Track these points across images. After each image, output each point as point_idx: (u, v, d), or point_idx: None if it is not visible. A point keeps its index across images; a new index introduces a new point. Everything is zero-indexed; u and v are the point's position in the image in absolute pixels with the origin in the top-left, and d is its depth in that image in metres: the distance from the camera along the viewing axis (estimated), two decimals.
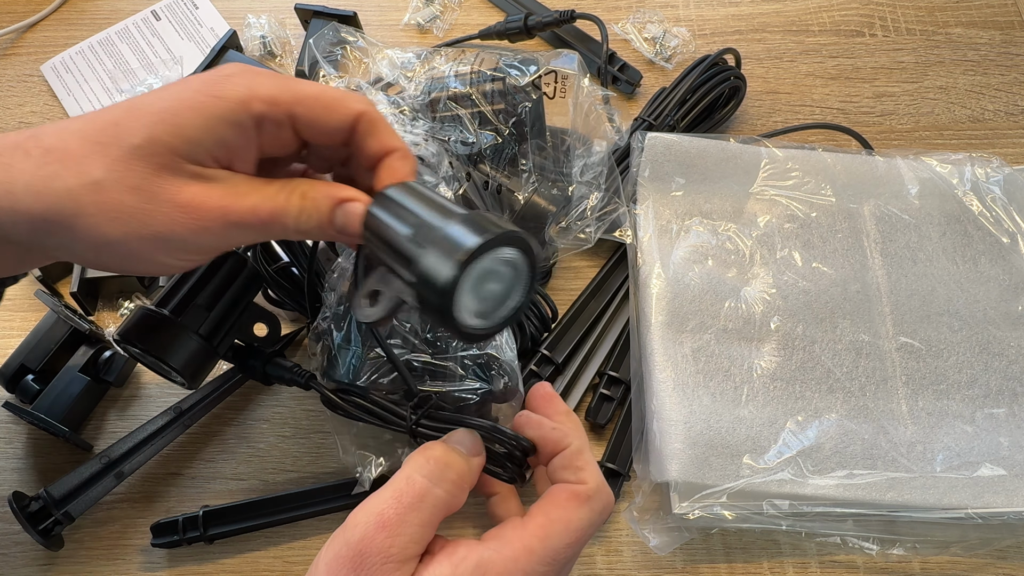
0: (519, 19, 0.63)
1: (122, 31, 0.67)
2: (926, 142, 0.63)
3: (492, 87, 0.49)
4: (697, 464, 0.46)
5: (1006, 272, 0.54)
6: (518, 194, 0.51)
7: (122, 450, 0.48)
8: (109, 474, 0.47)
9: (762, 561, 0.48)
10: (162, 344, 0.40)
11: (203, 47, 0.66)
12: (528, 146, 0.50)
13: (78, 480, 0.46)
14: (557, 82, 0.53)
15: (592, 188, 0.54)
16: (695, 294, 0.51)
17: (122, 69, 0.65)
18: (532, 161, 0.51)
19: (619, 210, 0.54)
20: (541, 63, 0.50)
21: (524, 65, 0.50)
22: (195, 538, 0.47)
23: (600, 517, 0.37)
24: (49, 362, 0.50)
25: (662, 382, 0.48)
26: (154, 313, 0.41)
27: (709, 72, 0.58)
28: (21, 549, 0.48)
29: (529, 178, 0.51)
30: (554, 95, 0.54)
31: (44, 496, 0.46)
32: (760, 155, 0.56)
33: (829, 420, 0.48)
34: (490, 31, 0.64)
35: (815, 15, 0.69)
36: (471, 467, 0.36)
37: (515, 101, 0.49)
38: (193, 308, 0.41)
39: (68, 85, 0.65)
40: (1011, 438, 0.48)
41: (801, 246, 0.54)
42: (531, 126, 0.50)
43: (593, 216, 0.53)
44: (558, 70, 0.50)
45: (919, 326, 0.52)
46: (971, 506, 0.46)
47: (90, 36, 0.67)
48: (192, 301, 0.41)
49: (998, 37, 0.67)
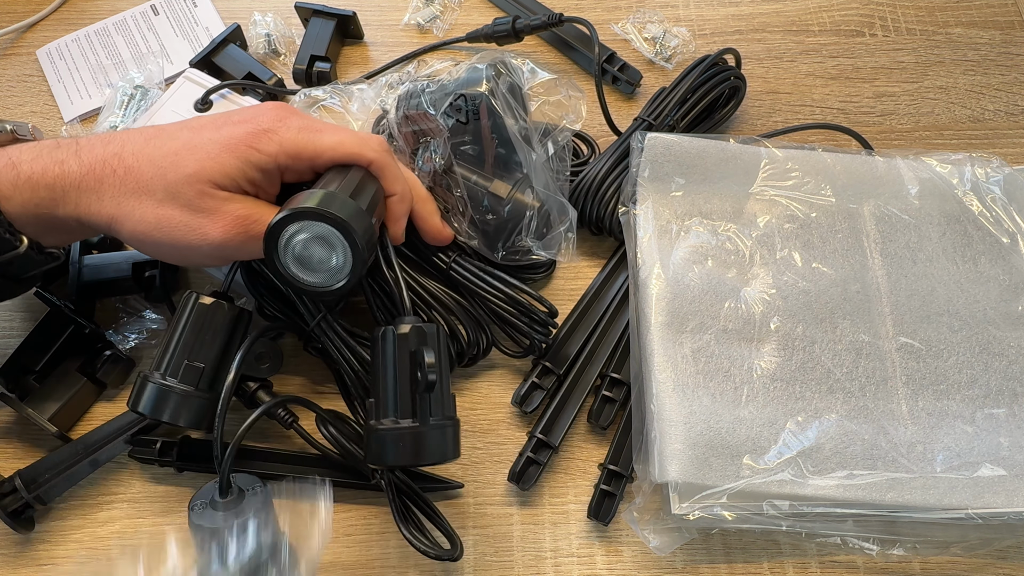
0: (507, 22, 0.62)
1: (119, 23, 0.67)
2: (926, 142, 0.63)
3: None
4: (697, 465, 0.46)
5: (1006, 272, 0.54)
6: (500, 194, 0.51)
7: (98, 436, 0.49)
8: (84, 460, 0.48)
9: (762, 561, 0.48)
10: (164, 410, 0.43)
11: (196, 45, 0.66)
12: (488, 144, 0.50)
13: (51, 464, 0.48)
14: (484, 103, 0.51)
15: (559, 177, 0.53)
16: (695, 294, 0.51)
17: (114, 61, 0.66)
18: (491, 159, 0.51)
19: (568, 217, 0.52)
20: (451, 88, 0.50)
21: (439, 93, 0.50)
22: (167, 462, 0.49)
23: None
24: (49, 362, 0.50)
25: (662, 383, 0.48)
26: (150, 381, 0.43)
27: (709, 72, 0.58)
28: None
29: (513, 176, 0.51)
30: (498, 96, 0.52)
31: (16, 478, 0.47)
32: (760, 155, 0.56)
33: (829, 420, 0.48)
34: (477, 34, 0.63)
35: (815, 15, 0.69)
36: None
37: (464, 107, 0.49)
38: (187, 368, 0.43)
39: (60, 72, 0.65)
40: (1011, 438, 0.48)
41: (801, 246, 0.54)
42: (486, 127, 0.50)
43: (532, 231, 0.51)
44: (467, 93, 0.49)
45: (919, 326, 0.52)
46: (971, 506, 0.46)
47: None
48: (185, 359, 0.43)
49: (998, 37, 0.67)
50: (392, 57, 0.66)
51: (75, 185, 0.41)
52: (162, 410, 0.43)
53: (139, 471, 0.50)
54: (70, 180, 0.41)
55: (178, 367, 0.43)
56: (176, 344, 0.44)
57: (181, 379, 0.43)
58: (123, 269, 0.53)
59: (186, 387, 0.43)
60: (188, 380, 0.43)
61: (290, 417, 0.47)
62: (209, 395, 0.44)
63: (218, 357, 0.44)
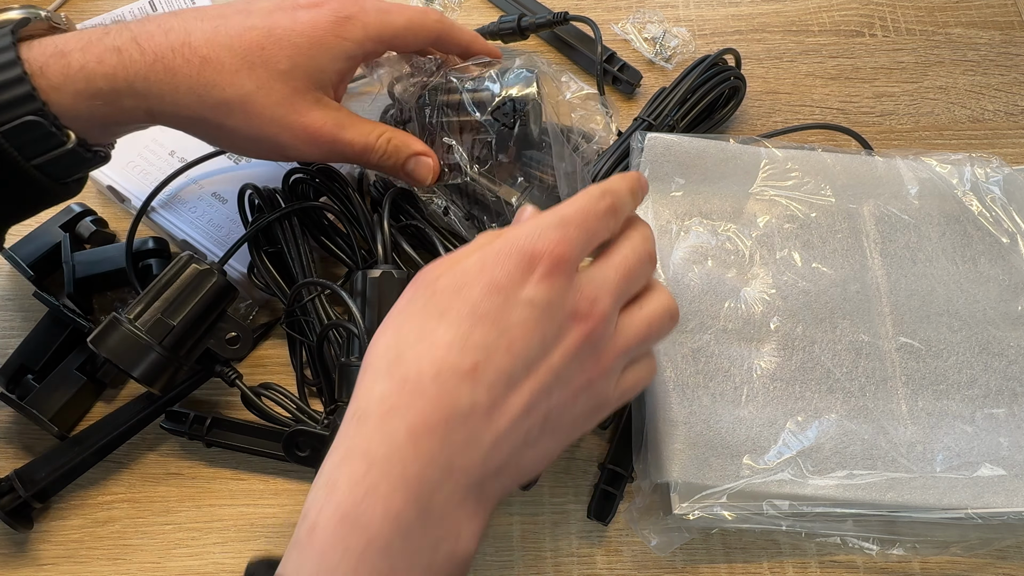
0: (512, 20, 0.62)
1: (117, 17, 0.67)
2: (926, 142, 0.63)
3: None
4: (697, 465, 0.46)
5: (1006, 272, 0.54)
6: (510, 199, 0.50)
7: (95, 434, 0.49)
8: (81, 458, 0.48)
9: (762, 561, 0.48)
10: (123, 355, 0.43)
11: None
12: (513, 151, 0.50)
13: (48, 462, 0.48)
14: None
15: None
16: (695, 294, 0.51)
17: None
18: (522, 169, 0.50)
19: None
20: (497, 89, 0.48)
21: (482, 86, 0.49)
22: (196, 435, 0.49)
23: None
24: (49, 362, 0.50)
25: (662, 383, 0.48)
26: (119, 324, 0.43)
27: (709, 72, 0.58)
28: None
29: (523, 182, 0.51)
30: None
31: (13, 477, 0.47)
32: (760, 155, 0.56)
33: (829, 420, 0.48)
34: (483, 31, 0.64)
35: (815, 15, 0.69)
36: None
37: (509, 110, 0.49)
38: (158, 322, 0.44)
39: None
40: (1011, 438, 0.48)
41: (801, 246, 0.54)
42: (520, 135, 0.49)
43: None
44: (516, 97, 0.48)
45: (919, 326, 0.52)
46: (971, 506, 0.46)
47: None
48: (158, 314, 0.44)
49: (998, 37, 0.67)
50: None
51: (142, 76, 0.38)
52: (119, 354, 0.43)
53: (139, 471, 0.50)
54: (135, 70, 0.38)
55: (149, 319, 0.43)
56: (154, 297, 0.44)
57: (148, 331, 0.43)
58: (117, 262, 0.53)
59: (150, 339, 0.43)
60: (155, 334, 0.43)
61: (233, 374, 0.48)
62: (170, 354, 0.44)
63: (191, 321, 0.45)
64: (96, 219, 0.56)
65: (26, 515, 0.48)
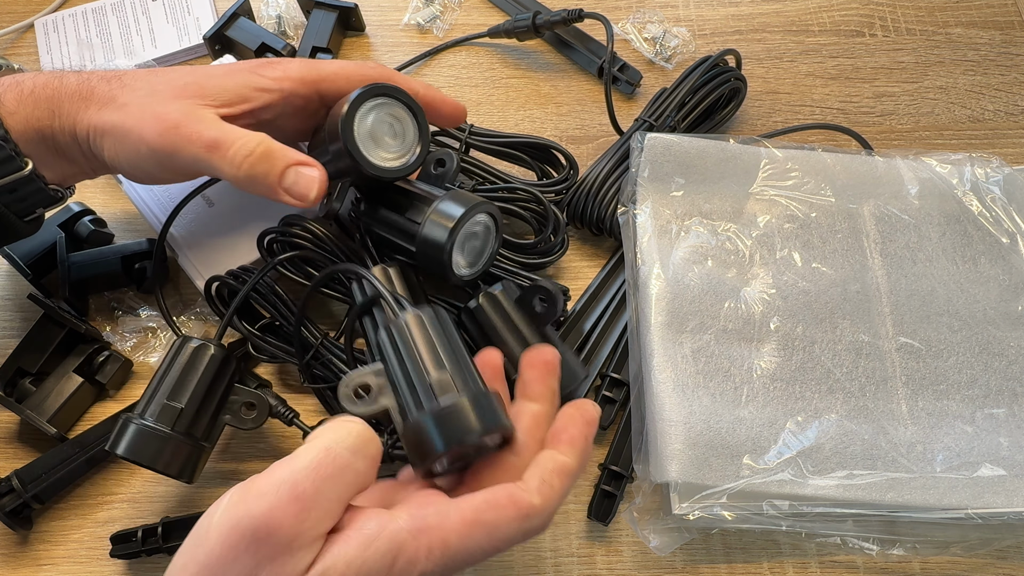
0: (527, 18, 0.63)
1: (116, 4, 0.68)
2: (926, 142, 0.63)
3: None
4: (697, 465, 0.46)
5: (1006, 272, 0.54)
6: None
7: (95, 435, 0.49)
8: (81, 458, 0.48)
9: (762, 561, 0.48)
10: (140, 451, 0.41)
11: (184, 35, 0.66)
12: None
13: (48, 463, 0.48)
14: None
15: None
16: (695, 295, 0.51)
17: (103, 39, 0.66)
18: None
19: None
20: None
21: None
22: (154, 549, 0.46)
23: (527, 538, 0.34)
24: (45, 364, 0.50)
25: (662, 383, 0.48)
26: (129, 422, 0.42)
27: (710, 73, 0.58)
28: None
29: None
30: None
31: (13, 478, 0.47)
32: (760, 155, 0.56)
33: (829, 420, 0.48)
34: (498, 29, 0.65)
35: (815, 15, 0.69)
36: (381, 447, 0.33)
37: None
38: (164, 407, 0.42)
39: (51, 44, 0.66)
40: (1011, 438, 0.48)
41: (801, 246, 0.54)
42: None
43: None
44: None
45: (919, 326, 0.52)
46: (971, 506, 0.46)
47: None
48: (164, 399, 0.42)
49: (998, 37, 0.67)
50: (392, 56, 0.66)
51: (69, 95, 0.41)
52: (137, 451, 0.41)
53: (139, 471, 0.50)
54: (66, 91, 0.41)
55: (156, 408, 0.42)
56: (156, 387, 0.43)
57: (157, 419, 0.42)
58: (112, 263, 0.53)
59: (160, 427, 0.41)
60: (165, 420, 0.42)
61: (290, 413, 0.47)
62: (185, 438, 0.42)
63: (199, 399, 0.43)
64: (95, 219, 0.56)
65: (26, 515, 0.48)
